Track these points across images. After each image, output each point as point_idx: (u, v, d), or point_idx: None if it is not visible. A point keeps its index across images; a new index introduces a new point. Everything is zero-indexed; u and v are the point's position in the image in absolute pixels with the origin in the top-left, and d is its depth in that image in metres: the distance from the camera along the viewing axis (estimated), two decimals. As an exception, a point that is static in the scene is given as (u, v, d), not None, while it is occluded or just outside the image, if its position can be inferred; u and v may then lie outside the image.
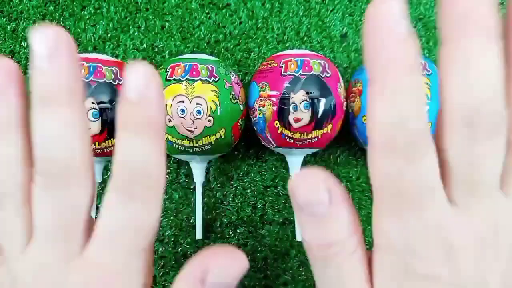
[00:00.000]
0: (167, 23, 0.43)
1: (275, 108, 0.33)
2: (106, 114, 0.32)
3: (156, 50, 0.43)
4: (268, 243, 0.38)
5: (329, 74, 0.34)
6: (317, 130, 0.34)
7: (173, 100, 0.33)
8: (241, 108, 0.35)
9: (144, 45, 0.43)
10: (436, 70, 0.35)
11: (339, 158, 0.40)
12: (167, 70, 0.34)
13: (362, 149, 0.40)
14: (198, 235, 0.36)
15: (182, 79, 0.33)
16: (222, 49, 0.43)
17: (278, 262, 0.37)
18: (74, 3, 0.44)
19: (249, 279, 0.37)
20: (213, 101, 0.33)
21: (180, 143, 0.34)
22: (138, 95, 0.16)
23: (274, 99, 0.34)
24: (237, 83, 0.35)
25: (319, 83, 0.34)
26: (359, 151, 0.40)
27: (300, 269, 0.37)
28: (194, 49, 0.43)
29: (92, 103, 0.32)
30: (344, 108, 0.36)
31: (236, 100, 0.34)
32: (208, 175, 0.41)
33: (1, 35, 0.42)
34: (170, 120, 0.33)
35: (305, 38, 0.43)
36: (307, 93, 0.33)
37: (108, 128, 0.33)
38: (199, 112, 0.32)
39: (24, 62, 0.42)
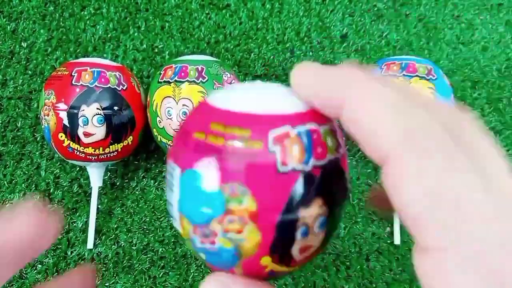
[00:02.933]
0: (167, 24, 0.43)
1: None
2: (110, 119, 0.33)
3: (156, 50, 0.43)
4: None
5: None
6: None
7: (161, 102, 0.33)
8: None
9: (144, 46, 0.43)
10: (441, 74, 0.35)
11: (340, 159, 0.40)
12: (161, 72, 0.34)
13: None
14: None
15: (170, 81, 0.33)
16: (222, 50, 0.43)
17: (278, 263, 0.37)
18: (74, 3, 0.44)
19: (249, 280, 0.37)
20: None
21: (171, 144, 0.34)
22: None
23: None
24: (230, 84, 0.35)
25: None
26: (359, 152, 0.40)
27: (300, 270, 0.37)
28: (194, 50, 0.43)
29: (97, 108, 0.32)
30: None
31: None
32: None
33: (1, 35, 0.42)
34: (160, 122, 0.33)
35: (305, 38, 0.43)
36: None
37: (112, 133, 0.33)
38: (185, 113, 0.33)
39: (24, 62, 0.42)
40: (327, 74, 0.14)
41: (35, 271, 0.36)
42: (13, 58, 0.42)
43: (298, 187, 0.13)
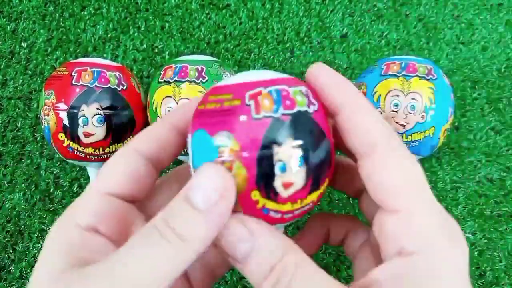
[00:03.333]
0: (167, 24, 0.43)
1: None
2: (111, 119, 0.33)
3: (156, 50, 0.43)
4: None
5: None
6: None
7: (161, 102, 0.33)
8: None
9: (144, 46, 0.43)
10: (441, 74, 0.35)
11: (340, 159, 0.40)
12: (161, 72, 0.34)
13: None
14: None
15: (170, 81, 0.33)
16: (222, 50, 0.43)
17: (278, 263, 0.37)
18: (74, 4, 0.44)
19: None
20: None
21: None
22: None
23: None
24: None
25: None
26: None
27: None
28: (194, 50, 0.43)
29: (97, 108, 0.32)
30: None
31: None
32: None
33: (1, 35, 0.42)
34: None
35: (305, 38, 0.43)
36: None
37: (112, 133, 0.33)
38: None
39: (24, 62, 0.42)
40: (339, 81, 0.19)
41: (35, 271, 0.36)
42: (13, 58, 0.42)
43: (270, 129, 0.17)
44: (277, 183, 0.17)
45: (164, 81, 0.34)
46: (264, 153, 0.17)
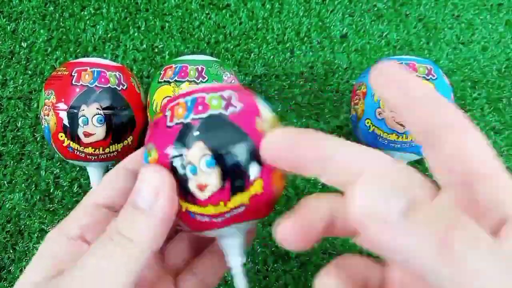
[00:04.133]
0: (167, 24, 0.43)
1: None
2: (110, 119, 0.33)
3: (156, 50, 0.43)
4: (268, 244, 0.37)
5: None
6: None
7: (161, 102, 0.33)
8: None
9: (144, 46, 0.43)
10: (441, 74, 0.35)
11: (340, 159, 0.40)
12: (161, 72, 0.34)
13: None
14: None
15: (170, 80, 0.33)
16: (222, 50, 0.43)
17: (279, 263, 0.37)
18: (74, 4, 0.44)
19: (250, 280, 0.37)
20: None
21: None
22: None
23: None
24: (230, 83, 0.35)
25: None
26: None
27: (301, 270, 0.37)
28: (194, 50, 0.43)
29: (97, 108, 0.32)
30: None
31: None
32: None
33: (1, 35, 0.42)
34: None
35: (305, 38, 0.43)
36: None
37: (112, 133, 0.33)
38: None
39: (24, 62, 0.42)
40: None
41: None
42: (13, 58, 0.42)
43: (179, 134, 0.18)
44: (192, 186, 0.18)
45: (164, 81, 0.34)
46: (176, 158, 0.18)
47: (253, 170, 0.18)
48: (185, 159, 0.18)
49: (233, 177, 0.18)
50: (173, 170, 0.18)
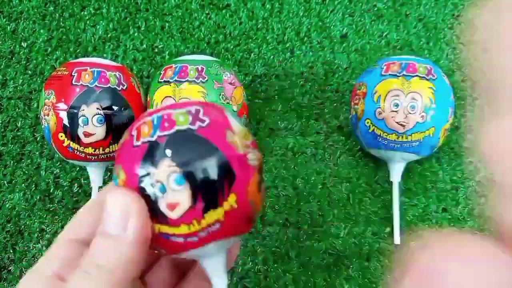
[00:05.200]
0: (167, 24, 0.43)
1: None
2: (110, 119, 0.33)
3: (156, 50, 0.43)
4: (268, 244, 0.37)
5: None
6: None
7: (161, 102, 0.33)
8: (235, 108, 0.35)
9: (144, 46, 0.43)
10: (441, 74, 0.35)
11: (339, 159, 0.40)
12: (161, 72, 0.34)
13: (363, 150, 0.40)
14: None
15: (170, 81, 0.33)
16: (222, 50, 0.43)
17: (279, 263, 0.37)
18: (74, 4, 0.44)
19: (250, 280, 0.37)
20: None
21: None
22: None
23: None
24: (230, 83, 0.35)
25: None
26: (359, 152, 0.40)
27: (301, 270, 0.37)
28: (194, 50, 0.43)
29: (97, 108, 0.32)
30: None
31: (227, 101, 0.34)
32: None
33: (1, 35, 0.42)
34: None
35: (305, 38, 0.43)
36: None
37: (112, 133, 0.33)
38: None
39: (24, 62, 0.42)
40: None
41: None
42: (13, 58, 0.42)
43: (146, 153, 0.18)
44: (162, 205, 0.17)
45: (164, 81, 0.34)
46: (144, 177, 0.17)
47: (226, 185, 0.17)
48: (153, 177, 0.17)
49: (205, 193, 0.17)
50: (142, 190, 0.17)
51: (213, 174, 0.17)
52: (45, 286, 0.18)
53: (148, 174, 0.17)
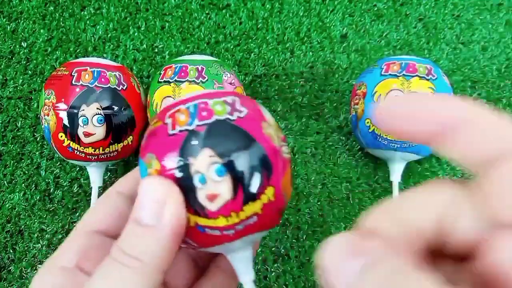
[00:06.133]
0: (167, 24, 0.43)
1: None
2: (110, 119, 0.33)
3: (156, 50, 0.43)
4: (268, 244, 0.37)
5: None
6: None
7: (161, 102, 0.33)
8: None
9: (144, 46, 0.43)
10: (441, 74, 0.35)
11: (339, 159, 0.40)
12: (161, 72, 0.34)
13: (363, 150, 0.40)
14: None
15: (170, 80, 0.33)
16: (222, 50, 0.43)
17: (279, 263, 0.37)
18: (74, 4, 0.44)
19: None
20: None
21: None
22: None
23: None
24: (230, 83, 0.35)
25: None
26: (359, 152, 0.40)
27: (301, 270, 0.37)
28: (194, 50, 0.43)
29: (97, 108, 0.32)
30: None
31: None
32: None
33: (1, 35, 0.42)
34: None
35: (305, 38, 0.43)
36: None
37: (112, 133, 0.33)
38: None
39: (24, 62, 0.42)
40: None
41: (35, 271, 0.36)
42: (13, 58, 0.42)
43: (185, 142, 0.17)
44: (201, 196, 0.17)
45: (164, 81, 0.34)
46: (182, 167, 0.17)
47: (265, 177, 0.17)
48: (192, 168, 0.17)
49: (245, 185, 0.17)
50: (178, 181, 0.17)
51: (254, 166, 0.17)
52: (64, 278, 0.17)
53: (186, 164, 0.17)
